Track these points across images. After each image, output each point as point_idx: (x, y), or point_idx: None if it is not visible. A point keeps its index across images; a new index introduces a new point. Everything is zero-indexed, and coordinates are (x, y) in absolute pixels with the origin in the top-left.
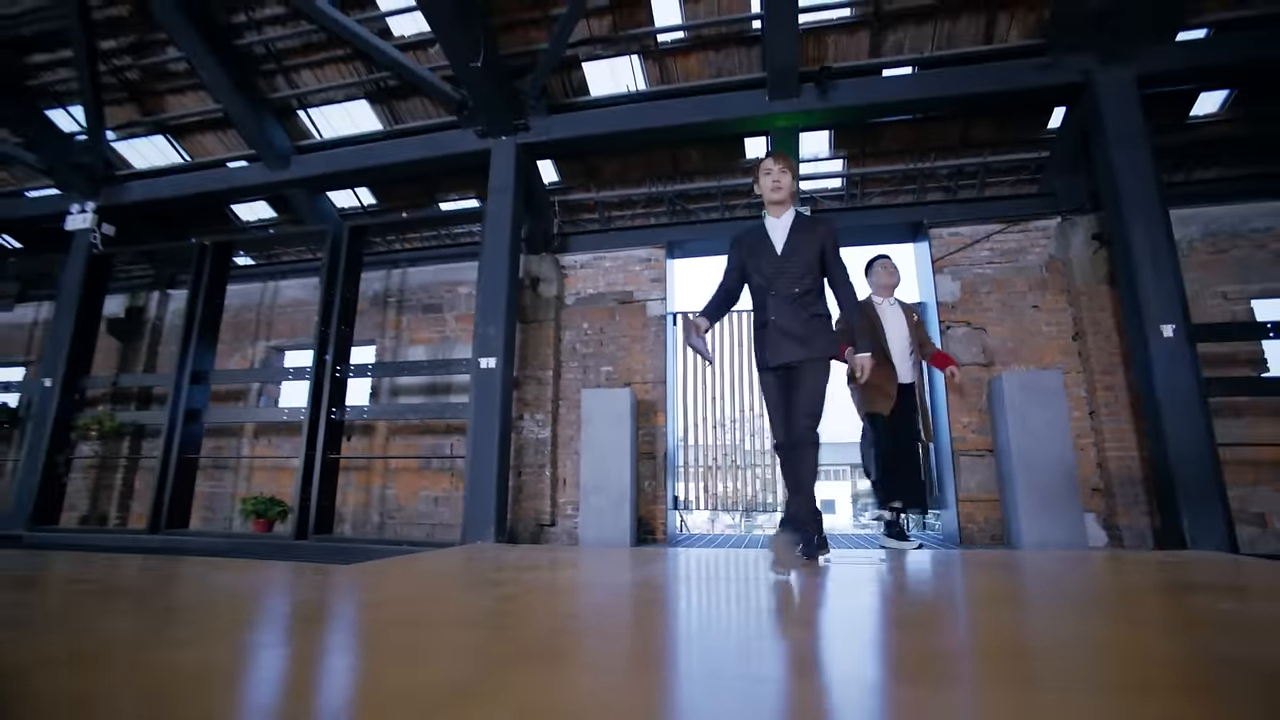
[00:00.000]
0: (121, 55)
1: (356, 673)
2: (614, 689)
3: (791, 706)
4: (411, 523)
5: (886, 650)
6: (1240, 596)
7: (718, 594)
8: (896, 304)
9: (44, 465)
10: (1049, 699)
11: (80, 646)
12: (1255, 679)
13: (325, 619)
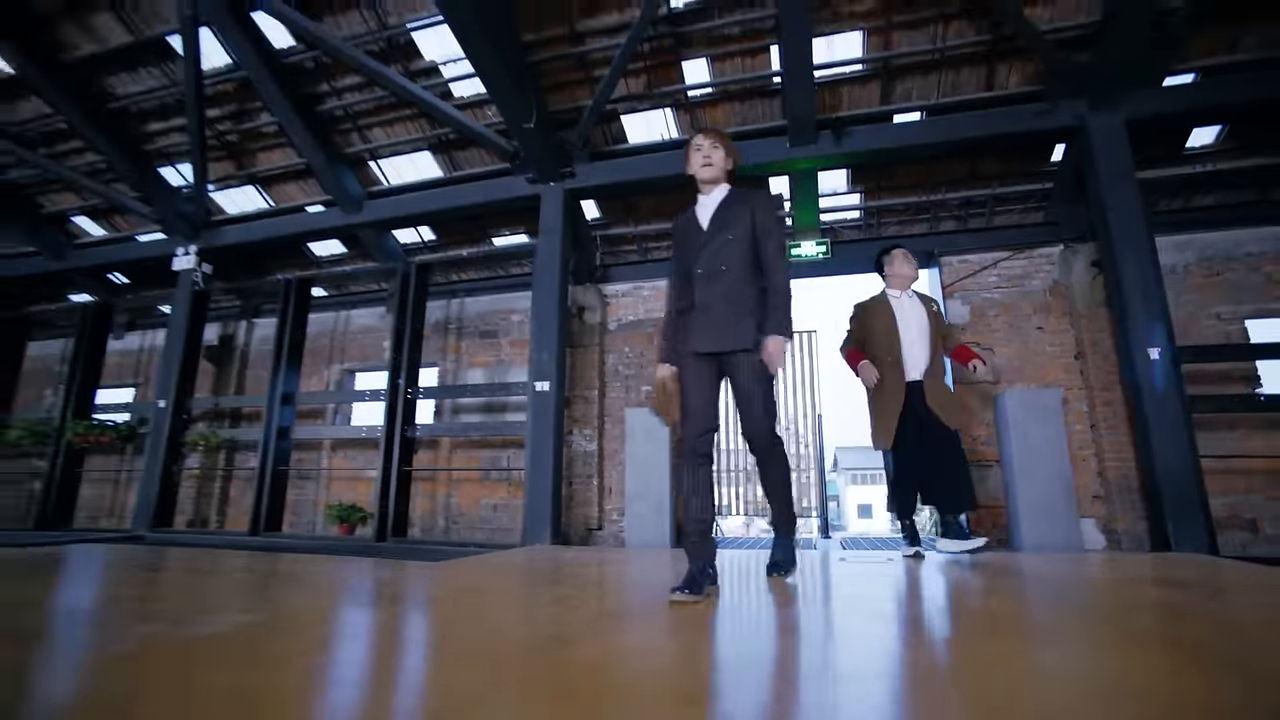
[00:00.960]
0: (223, 121)
1: (491, 626)
2: (659, 642)
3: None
4: (473, 527)
5: (891, 624)
6: (1174, 586)
7: (731, 582)
8: (914, 296)
9: (161, 476)
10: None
11: (279, 612)
12: (1165, 644)
13: (452, 599)
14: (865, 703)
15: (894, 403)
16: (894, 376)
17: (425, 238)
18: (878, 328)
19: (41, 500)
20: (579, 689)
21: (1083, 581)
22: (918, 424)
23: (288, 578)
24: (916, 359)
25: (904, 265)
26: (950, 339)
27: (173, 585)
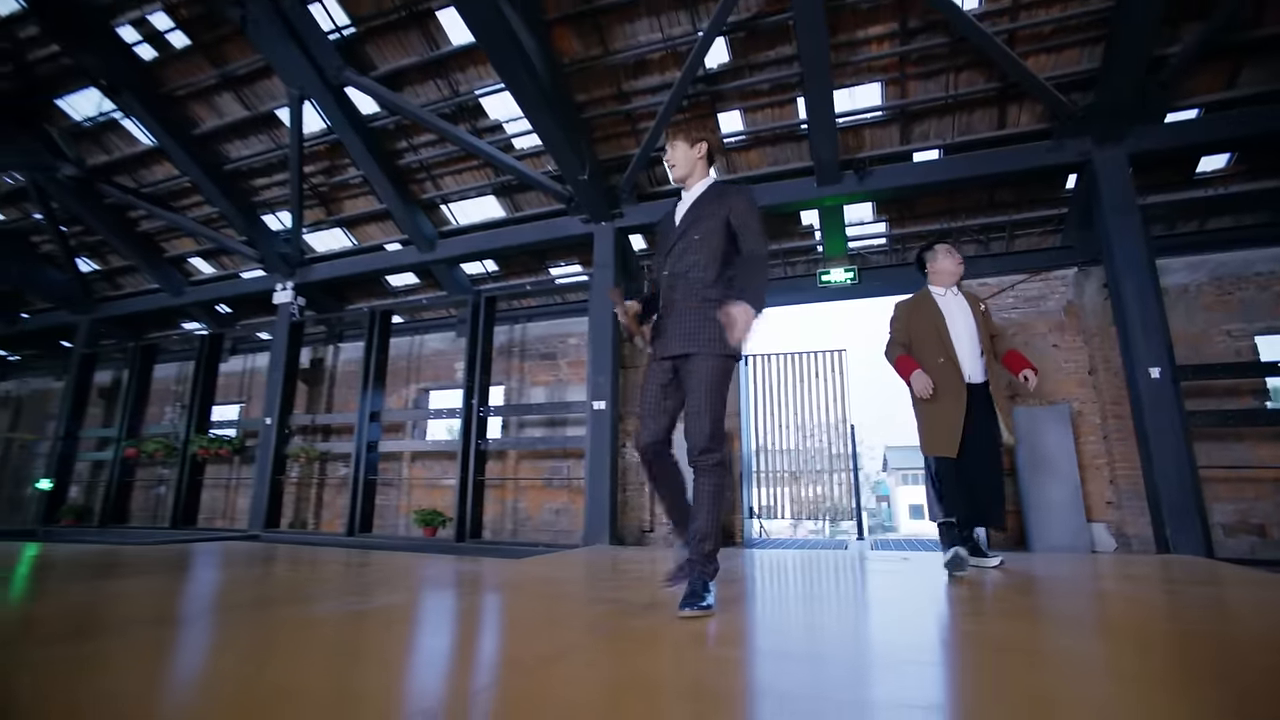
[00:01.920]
0: (317, 175)
1: (565, 604)
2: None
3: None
4: (538, 529)
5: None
6: (1133, 581)
7: (758, 576)
8: (960, 293)
9: (270, 483)
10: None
11: (407, 594)
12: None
13: (534, 585)
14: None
15: (955, 407)
16: (952, 379)
17: (490, 269)
18: (924, 328)
19: (172, 503)
20: (636, 645)
21: (1058, 577)
22: (971, 430)
23: (400, 570)
24: (970, 359)
25: (947, 260)
26: (1001, 340)
27: (313, 574)
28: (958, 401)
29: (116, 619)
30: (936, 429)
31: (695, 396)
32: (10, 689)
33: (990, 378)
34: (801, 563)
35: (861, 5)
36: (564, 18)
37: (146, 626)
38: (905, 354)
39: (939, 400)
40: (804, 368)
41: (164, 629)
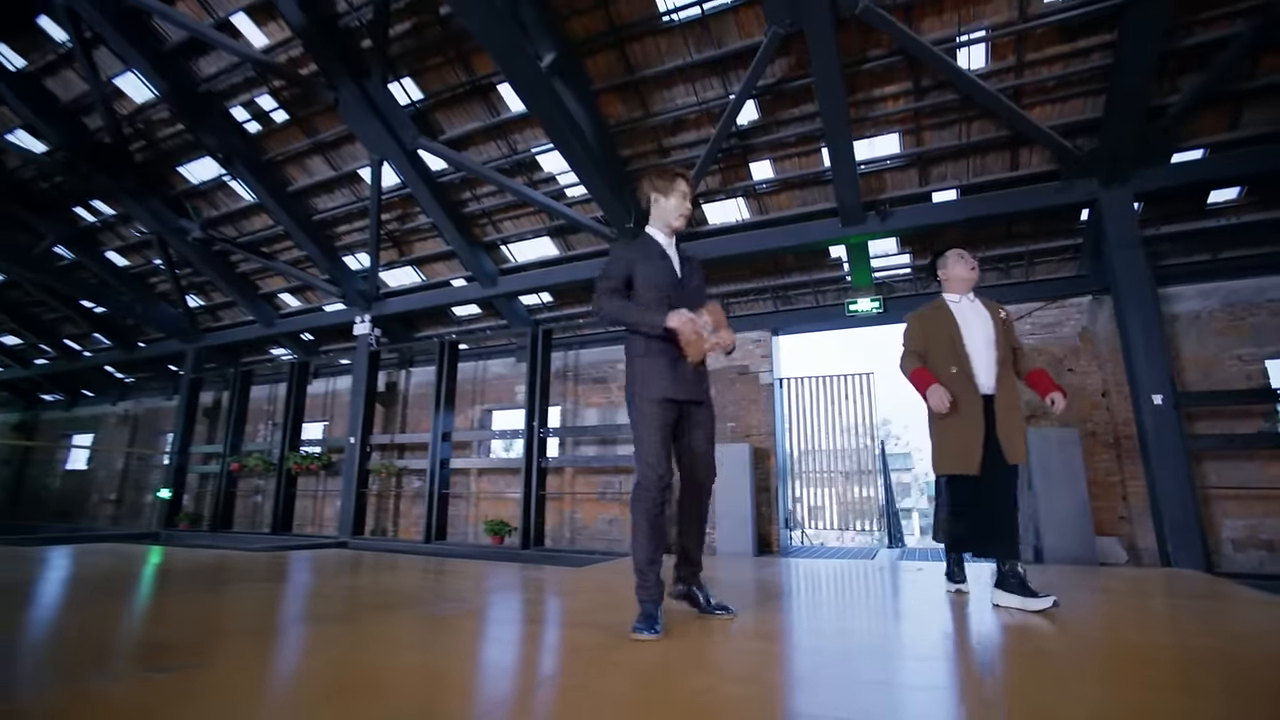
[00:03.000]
0: (391, 222)
1: (619, 607)
2: (739, 605)
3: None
4: (593, 538)
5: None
6: (1107, 593)
7: (782, 579)
8: (977, 301)
9: (355, 496)
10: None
11: (489, 597)
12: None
13: (593, 590)
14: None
15: (973, 421)
16: (968, 391)
17: (545, 300)
18: (938, 337)
19: (272, 512)
20: (687, 638)
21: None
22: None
23: (476, 576)
24: (987, 370)
25: (958, 265)
26: (1024, 357)
27: (405, 580)
28: (974, 414)
29: (279, 619)
30: (951, 444)
31: (711, 437)
32: (247, 665)
33: (1000, 391)
34: (822, 571)
35: (877, 68)
36: (609, 87)
37: (301, 624)
38: (921, 366)
39: (958, 413)
40: (834, 389)
41: (315, 625)
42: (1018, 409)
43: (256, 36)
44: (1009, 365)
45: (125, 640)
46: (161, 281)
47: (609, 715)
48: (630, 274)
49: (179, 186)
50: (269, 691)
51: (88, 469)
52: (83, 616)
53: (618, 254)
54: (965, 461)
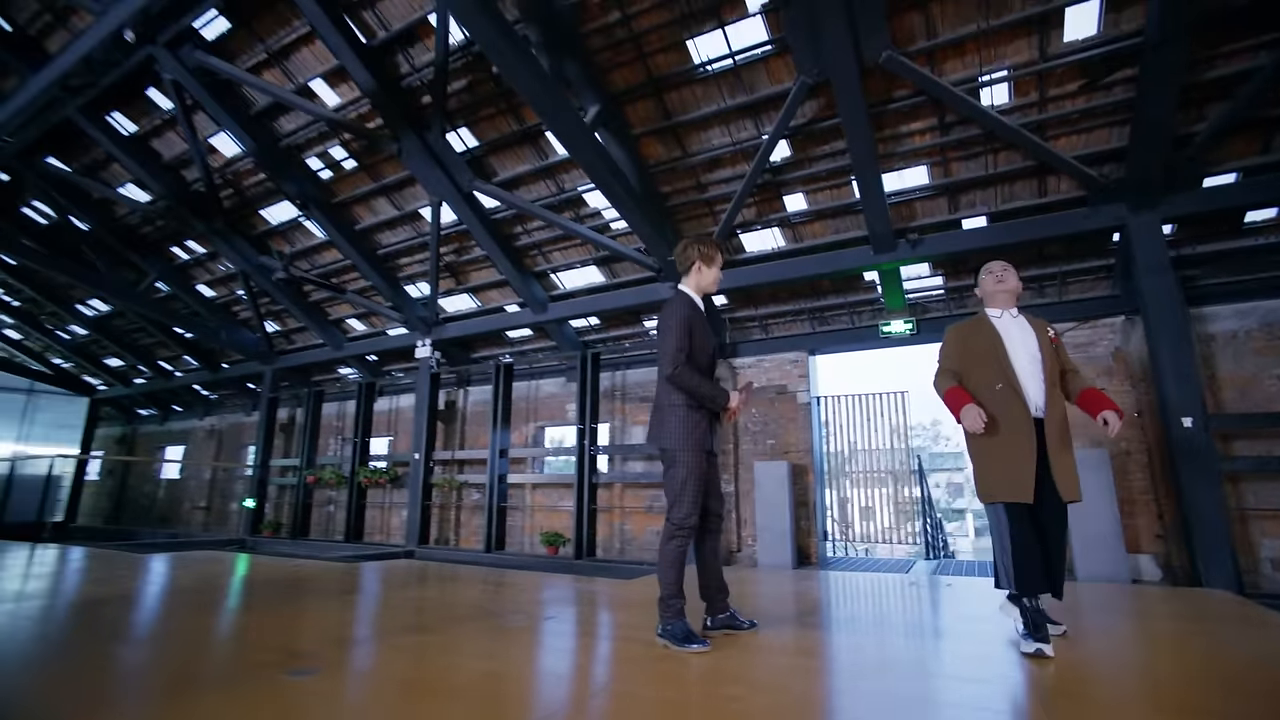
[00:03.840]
0: (449, 254)
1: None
2: (776, 615)
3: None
4: (641, 549)
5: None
6: (1122, 614)
7: (818, 592)
8: (1021, 317)
9: (420, 509)
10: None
11: (555, 611)
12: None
13: (641, 604)
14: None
15: (1024, 441)
16: (1015, 407)
17: (593, 323)
18: (978, 352)
19: (345, 521)
20: (731, 650)
21: (1078, 603)
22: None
23: (534, 588)
24: (1037, 389)
25: (985, 280)
26: (1075, 378)
27: (472, 593)
28: (1024, 434)
29: (369, 629)
30: (998, 469)
31: (718, 478)
32: (354, 670)
33: (1050, 415)
34: (851, 585)
35: (903, 107)
36: (648, 131)
37: (387, 634)
38: (956, 385)
39: (1001, 434)
40: (869, 407)
41: (399, 635)
42: (1069, 438)
43: (330, 96)
44: (1058, 389)
45: (256, 646)
46: (243, 310)
47: (658, 718)
48: (698, 342)
49: (260, 227)
50: (374, 694)
51: (180, 478)
52: (209, 624)
53: (683, 318)
54: (1017, 488)
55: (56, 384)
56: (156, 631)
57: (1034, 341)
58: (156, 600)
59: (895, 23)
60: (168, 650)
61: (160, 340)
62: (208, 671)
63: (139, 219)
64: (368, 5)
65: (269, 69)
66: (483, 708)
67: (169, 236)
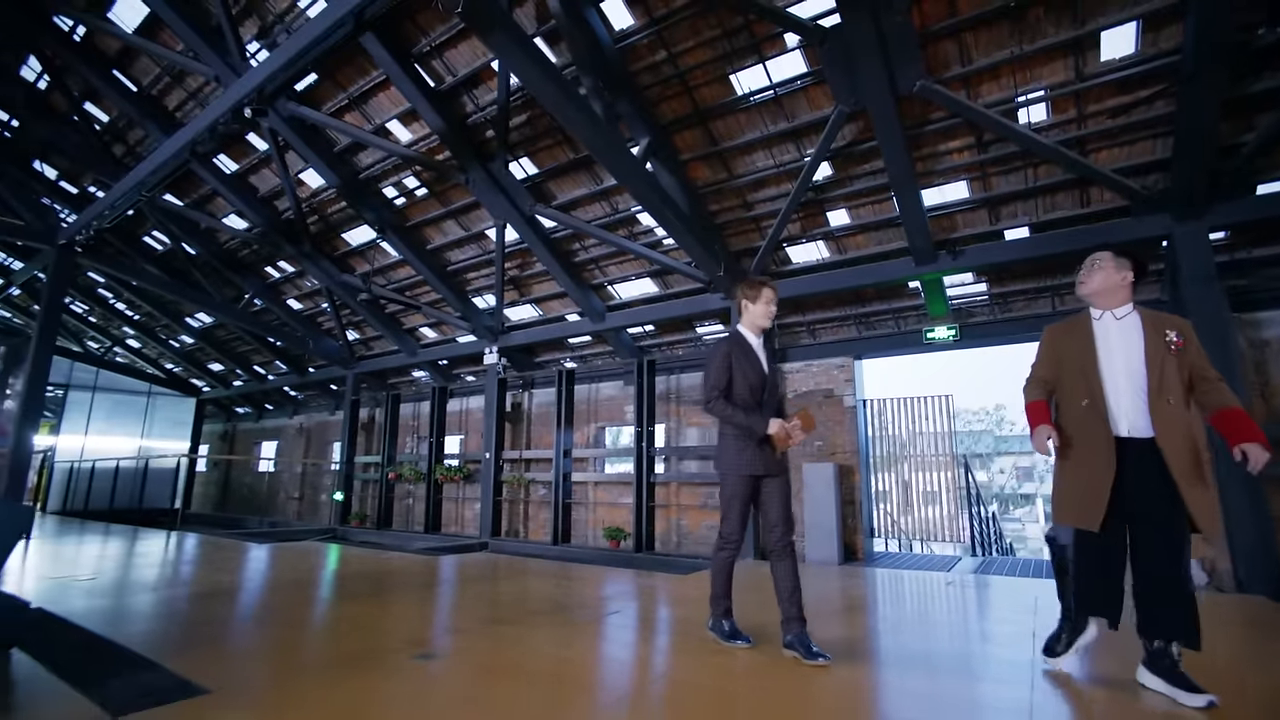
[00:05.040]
0: (513, 269)
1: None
2: (825, 608)
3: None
4: (697, 542)
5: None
6: None
7: (864, 589)
8: (1136, 316)
9: (492, 504)
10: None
11: (620, 605)
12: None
13: (699, 598)
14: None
15: (1098, 466)
16: (1095, 427)
17: (648, 329)
18: (1069, 360)
19: (424, 514)
20: (777, 639)
21: None
22: (1124, 502)
23: (597, 583)
24: (1131, 404)
25: (1095, 274)
26: (1211, 390)
27: (543, 587)
28: (1101, 457)
29: (463, 620)
30: (1068, 491)
31: (788, 504)
32: (463, 657)
33: (1161, 433)
34: (889, 582)
35: (940, 128)
36: (696, 157)
37: (478, 624)
38: (1042, 397)
39: (1076, 454)
40: (915, 410)
41: (488, 626)
42: (1194, 463)
43: (403, 133)
44: (1175, 405)
45: (381, 633)
46: (327, 320)
47: (710, 704)
48: (730, 375)
49: (342, 249)
50: (479, 677)
51: (275, 471)
52: (338, 613)
53: (724, 354)
54: (1083, 514)
55: (169, 386)
56: (297, 618)
57: (1138, 350)
58: (287, 590)
59: (930, 51)
60: (313, 634)
61: (255, 347)
62: (351, 655)
63: (238, 244)
64: (437, 54)
65: (349, 112)
66: (559, 690)
67: (263, 258)
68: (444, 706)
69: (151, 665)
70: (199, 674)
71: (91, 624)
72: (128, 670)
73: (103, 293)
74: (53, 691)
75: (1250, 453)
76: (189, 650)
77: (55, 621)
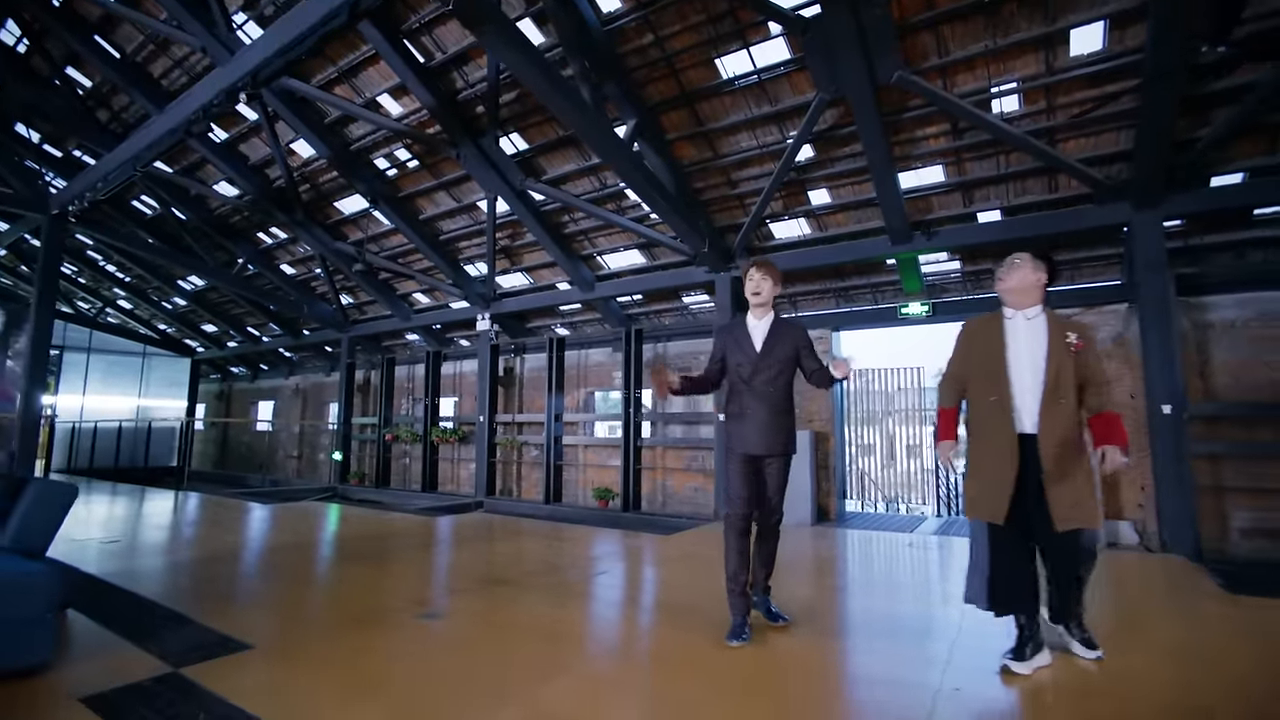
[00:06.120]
0: (503, 239)
1: (702, 565)
2: (793, 562)
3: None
4: (681, 502)
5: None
6: None
7: (841, 553)
8: (1044, 318)
9: (487, 465)
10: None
11: (616, 568)
12: None
13: (681, 557)
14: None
15: (1002, 463)
16: (999, 424)
17: (636, 298)
18: (981, 356)
19: (420, 473)
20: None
21: None
22: (1024, 496)
23: (587, 543)
24: (1031, 402)
25: (1014, 273)
26: (1096, 393)
27: (537, 547)
28: (1005, 453)
29: (463, 580)
30: (975, 484)
31: (779, 485)
32: (464, 616)
33: (1045, 431)
34: (860, 541)
35: (917, 115)
36: (682, 136)
37: (478, 584)
38: (951, 404)
39: (984, 450)
40: (887, 381)
41: (488, 586)
42: (1070, 461)
43: (394, 107)
44: (1065, 404)
45: (387, 593)
46: (321, 285)
47: (694, 658)
48: (724, 354)
49: (334, 217)
50: (480, 633)
51: (273, 430)
52: (343, 573)
53: (717, 333)
54: (991, 508)
55: (163, 347)
56: (310, 578)
57: (1042, 349)
58: (297, 551)
59: (908, 42)
60: (327, 594)
61: (248, 310)
62: (364, 613)
63: (229, 210)
64: (426, 31)
65: (339, 85)
66: (554, 645)
67: (255, 225)
68: (449, 661)
69: (191, 622)
70: (236, 630)
71: (128, 585)
72: (172, 627)
73: (92, 255)
74: (114, 645)
75: (1108, 454)
76: (220, 609)
77: (99, 584)
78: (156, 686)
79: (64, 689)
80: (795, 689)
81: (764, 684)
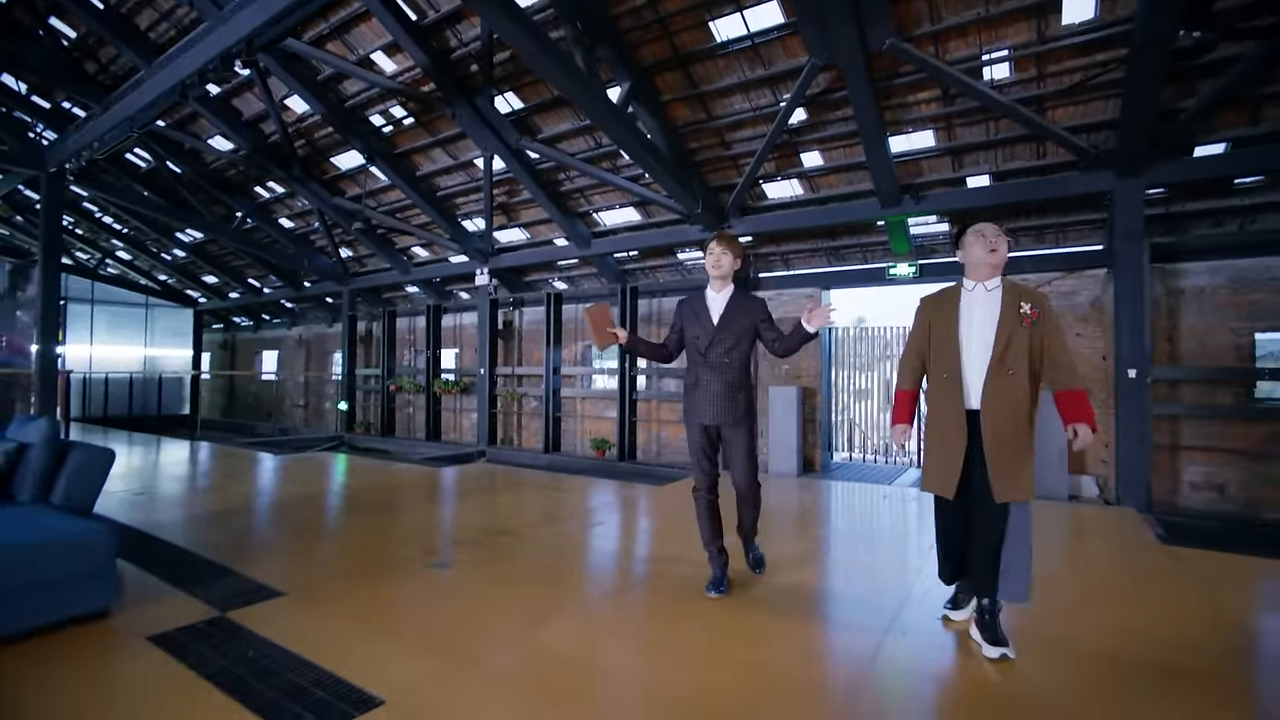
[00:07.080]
0: (500, 196)
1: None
2: (778, 508)
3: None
4: (674, 452)
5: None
6: None
7: (819, 498)
8: (1000, 290)
9: (488, 415)
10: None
11: (612, 517)
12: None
13: (672, 507)
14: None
15: (952, 438)
16: (950, 400)
17: (632, 254)
18: (939, 331)
19: (424, 423)
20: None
21: None
22: (972, 470)
23: (588, 494)
24: (977, 377)
25: (975, 246)
26: (1058, 369)
27: (538, 498)
28: (953, 429)
29: (469, 531)
30: (931, 463)
31: (743, 452)
32: (472, 566)
33: (988, 406)
34: (843, 492)
35: (909, 81)
36: (676, 98)
37: (482, 535)
38: (909, 387)
39: (938, 426)
40: (875, 338)
41: (492, 536)
42: (1012, 434)
43: (388, 64)
44: (1015, 375)
45: (399, 542)
46: (320, 239)
47: (678, 605)
48: (682, 326)
49: (331, 172)
50: (491, 583)
51: (278, 380)
52: (355, 523)
53: (679, 305)
54: (942, 483)
55: (165, 298)
56: (326, 529)
57: (995, 320)
58: (311, 502)
59: (901, 8)
60: (344, 544)
61: (248, 262)
62: (379, 562)
63: (225, 164)
64: None
65: (331, 41)
66: (556, 590)
67: (252, 179)
68: (459, 607)
69: (229, 571)
70: (268, 578)
71: (164, 535)
72: (213, 575)
73: (88, 206)
74: (165, 591)
75: (1080, 431)
76: (252, 559)
77: (138, 533)
78: (209, 628)
79: (131, 630)
80: (763, 634)
81: (738, 631)
